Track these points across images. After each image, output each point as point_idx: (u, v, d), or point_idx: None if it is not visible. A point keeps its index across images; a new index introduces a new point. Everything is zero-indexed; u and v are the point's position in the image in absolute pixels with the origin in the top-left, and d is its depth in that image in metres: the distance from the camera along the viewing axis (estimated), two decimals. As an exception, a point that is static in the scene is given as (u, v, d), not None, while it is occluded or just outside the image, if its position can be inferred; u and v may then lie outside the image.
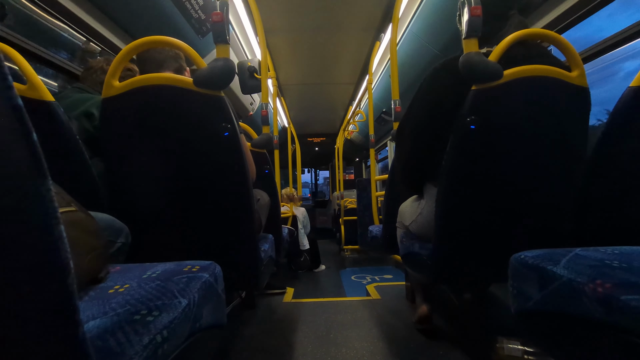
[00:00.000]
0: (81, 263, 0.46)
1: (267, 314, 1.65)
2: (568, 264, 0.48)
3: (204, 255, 0.64)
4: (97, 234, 0.54)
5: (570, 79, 0.77)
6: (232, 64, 0.80)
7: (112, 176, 0.86)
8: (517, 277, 0.56)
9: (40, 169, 0.22)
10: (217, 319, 0.54)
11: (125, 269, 0.54)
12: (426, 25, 2.19)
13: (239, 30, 2.61)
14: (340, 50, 3.21)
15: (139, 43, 0.82)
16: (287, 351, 1.19)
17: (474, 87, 0.74)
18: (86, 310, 0.37)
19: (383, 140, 4.84)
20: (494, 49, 0.76)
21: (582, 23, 1.44)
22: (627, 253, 0.50)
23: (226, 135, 0.78)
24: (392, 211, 1.36)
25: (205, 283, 0.50)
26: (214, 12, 0.81)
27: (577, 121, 0.80)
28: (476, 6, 0.75)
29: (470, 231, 0.85)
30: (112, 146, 0.83)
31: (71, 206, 0.51)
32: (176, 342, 0.40)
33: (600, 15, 1.36)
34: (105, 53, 1.60)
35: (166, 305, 0.40)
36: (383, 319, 1.50)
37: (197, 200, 0.85)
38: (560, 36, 0.77)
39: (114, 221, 0.73)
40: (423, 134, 0.94)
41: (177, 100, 0.78)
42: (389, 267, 3.40)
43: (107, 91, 0.81)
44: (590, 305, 0.41)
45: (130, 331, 0.34)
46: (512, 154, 0.79)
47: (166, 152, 0.82)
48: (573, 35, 1.53)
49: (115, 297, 0.41)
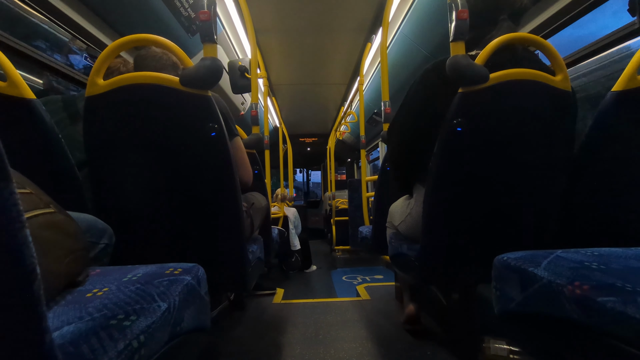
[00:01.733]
0: (58, 266, 0.44)
1: (256, 315, 1.64)
2: (549, 265, 0.48)
3: (190, 257, 0.64)
4: (77, 235, 0.52)
5: (555, 83, 0.78)
6: (220, 63, 0.80)
7: (96, 176, 0.84)
8: (500, 279, 0.57)
9: (2, 171, 0.21)
10: (200, 322, 0.53)
11: (106, 271, 0.53)
12: (417, 27, 2.21)
13: (229, 29, 2.59)
14: (332, 51, 3.21)
15: (126, 40, 0.80)
16: (275, 353, 1.19)
17: (460, 90, 0.75)
18: (61, 315, 0.36)
19: (374, 141, 4.87)
20: (481, 52, 0.77)
21: (587, 21, 1.44)
22: (606, 255, 0.50)
23: (213, 136, 0.77)
24: (381, 212, 1.36)
25: (187, 286, 0.50)
26: (201, 10, 0.80)
27: (561, 124, 0.81)
28: (463, 10, 0.76)
29: (456, 232, 0.86)
30: (95, 145, 0.82)
31: (49, 207, 0.50)
32: (154, 347, 0.39)
33: (605, 12, 1.36)
34: (92, 50, 1.58)
35: (144, 309, 0.39)
36: (372, 319, 1.50)
37: (183, 201, 0.84)
38: (545, 41, 0.78)
39: (96, 222, 0.72)
40: (412, 135, 0.95)
41: (163, 99, 0.77)
42: (379, 268, 3.42)
43: (91, 89, 0.79)
44: (569, 307, 0.42)
45: (105, 337, 0.33)
46: (497, 157, 0.80)
47: (151, 152, 0.81)
48: (575, 33, 1.53)
49: (92, 301, 0.39)
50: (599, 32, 1.31)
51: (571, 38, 1.51)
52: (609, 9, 1.36)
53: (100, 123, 0.80)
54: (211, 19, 0.81)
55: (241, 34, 2.68)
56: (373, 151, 5.32)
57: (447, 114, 0.76)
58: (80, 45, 1.55)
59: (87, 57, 1.63)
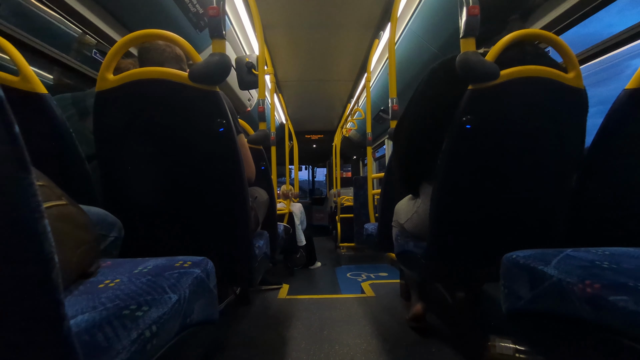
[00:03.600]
0: (71, 257, 0.45)
1: (262, 310, 1.65)
2: (559, 264, 0.48)
3: (197, 250, 0.64)
4: (88, 227, 0.53)
5: (567, 80, 0.77)
6: (228, 59, 0.80)
7: (105, 170, 0.85)
8: (508, 277, 0.57)
9: (22, 163, 0.22)
10: (208, 314, 0.54)
11: (117, 263, 0.54)
12: (425, 23, 2.19)
13: (237, 26, 2.59)
14: (339, 47, 3.19)
15: (135, 36, 0.81)
16: (281, 347, 1.20)
17: (470, 87, 0.74)
18: (75, 305, 0.37)
19: (381, 139, 4.84)
20: (491, 49, 0.76)
21: (591, 19, 1.42)
22: (617, 254, 0.50)
23: (221, 131, 0.78)
24: (387, 209, 1.36)
25: (197, 279, 0.50)
26: (210, 6, 0.80)
27: (572, 122, 0.80)
28: (474, 5, 0.75)
29: (464, 230, 0.85)
30: (105, 139, 0.83)
31: (62, 200, 0.50)
32: (166, 338, 0.40)
33: (609, 11, 1.33)
34: (101, 46, 1.59)
35: (156, 300, 0.40)
36: (377, 316, 1.50)
37: (191, 196, 0.85)
38: (557, 37, 0.77)
39: (106, 215, 0.73)
40: (420, 133, 0.95)
41: (172, 94, 0.78)
42: (384, 265, 3.41)
43: (101, 84, 0.80)
44: (580, 305, 0.41)
45: (119, 326, 0.34)
46: (507, 154, 0.79)
47: (160, 147, 0.82)
48: (581, 31, 1.50)
49: (104, 292, 0.40)
50: (605, 31, 1.29)
51: (575, 37, 1.48)
52: (614, 8, 1.33)
53: (110, 117, 0.81)
54: (220, 14, 0.81)
55: (249, 30, 2.68)
56: (379, 148, 5.30)
57: (456, 111, 0.76)
58: (90, 40, 1.56)
59: (96, 52, 1.64)
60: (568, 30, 1.55)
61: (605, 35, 1.32)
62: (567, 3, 1.40)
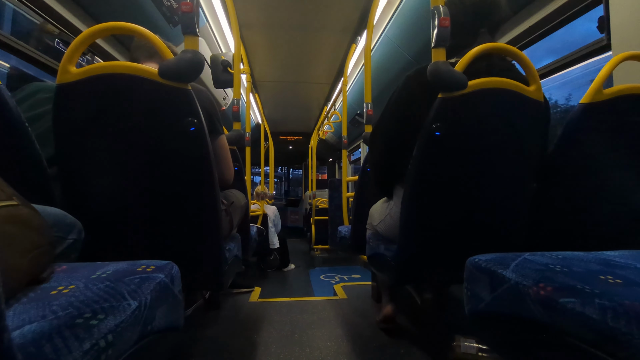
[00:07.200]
0: (20, 262, 0.42)
1: (232, 314, 1.61)
2: (516, 267, 0.50)
3: (164, 254, 0.62)
4: (42, 229, 0.50)
5: (528, 92, 0.81)
6: (201, 56, 0.78)
7: (65, 168, 0.80)
8: (471, 280, 0.59)
9: None
10: (172, 321, 0.52)
11: (73, 268, 0.51)
12: (401, 31, 2.25)
13: (213, 23, 2.53)
14: (317, 50, 3.21)
15: (102, 28, 0.77)
16: (250, 352, 1.18)
17: (440, 95, 0.77)
18: (22, 314, 0.34)
19: (356, 142, 4.91)
20: (460, 60, 0.79)
21: (573, 25, 1.48)
22: (569, 258, 0.53)
23: (192, 131, 0.76)
24: (360, 212, 1.37)
25: (160, 284, 0.48)
26: (184, 1, 0.78)
27: (532, 132, 0.84)
28: (445, 17, 0.78)
29: (431, 234, 0.88)
30: (66, 136, 0.78)
31: (12, 200, 0.47)
32: (123, 347, 0.38)
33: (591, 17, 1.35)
34: (65, 35, 1.50)
35: (113, 307, 0.38)
36: (348, 318, 1.52)
37: (158, 197, 0.81)
38: (520, 52, 0.82)
39: (65, 216, 0.68)
40: (394, 138, 0.97)
41: (140, 91, 0.74)
42: (357, 267, 3.45)
43: (63, 77, 0.75)
44: (534, 307, 0.44)
45: (70, 336, 0.32)
46: (472, 161, 0.82)
47: (125, 145, 0.78)
48: (565, 38, 1.52)
49: (57, 299, 0.38)
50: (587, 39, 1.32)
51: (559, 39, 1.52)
52: (595, 15, 1.34)
53: (72, 112, 0.77)
54: (194, 10, 0.79)
55: (225, 28, 2.63)
56: (355, 152, 5.37)
57: (427, 118, 0.78)
58: (52, 29, 1.47)
59: (59, 42, 1.55)
60: (531, 45, 1.65)
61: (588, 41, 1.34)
62: (532, 20, 1.50)
